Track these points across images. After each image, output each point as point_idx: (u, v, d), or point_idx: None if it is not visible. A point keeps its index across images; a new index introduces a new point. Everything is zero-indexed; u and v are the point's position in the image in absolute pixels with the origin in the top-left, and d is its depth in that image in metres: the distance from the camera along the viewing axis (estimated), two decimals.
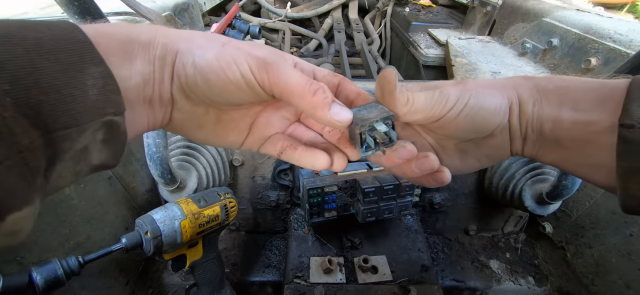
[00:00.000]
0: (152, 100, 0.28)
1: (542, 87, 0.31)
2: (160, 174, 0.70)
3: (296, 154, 0.34)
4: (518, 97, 0.32)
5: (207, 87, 0.28)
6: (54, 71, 0.20)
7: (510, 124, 0.32)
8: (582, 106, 0.29)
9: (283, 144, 0.35)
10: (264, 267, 0.97)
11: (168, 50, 0.27)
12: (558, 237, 0.98)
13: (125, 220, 0.85)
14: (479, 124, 0.32)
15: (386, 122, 0.30)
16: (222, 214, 0.72)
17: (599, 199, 0.87)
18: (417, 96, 0.31)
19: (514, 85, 0.32)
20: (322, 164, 0.33)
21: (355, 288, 0.75)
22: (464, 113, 0.31)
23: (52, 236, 0.66)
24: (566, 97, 0.30)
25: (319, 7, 1.88)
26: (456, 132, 0.33)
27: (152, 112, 0.29)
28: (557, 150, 0.32)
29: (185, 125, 0.32)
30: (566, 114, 0.30)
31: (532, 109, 0.31)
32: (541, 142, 0.32)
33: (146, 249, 0.64)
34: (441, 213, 1.02)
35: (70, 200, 0.70)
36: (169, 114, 0.30)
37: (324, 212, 0.83)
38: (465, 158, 0.36)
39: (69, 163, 0.22)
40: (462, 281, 0.96)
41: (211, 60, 0.27)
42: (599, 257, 0.86)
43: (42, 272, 0.54)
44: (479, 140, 0.34)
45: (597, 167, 0.30)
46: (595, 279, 0.87)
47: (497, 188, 0.90)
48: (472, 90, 0.31)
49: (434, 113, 0.31)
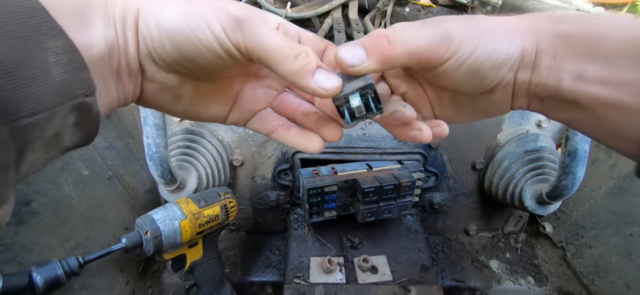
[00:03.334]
0: (119, 72, 0.25)
1: (568, 35, 0.25)
2: (160, 174, 0.70)
3: (289, 135, 0.32)
4: (535, 48, 0.26)
5: (177, 51, 0.24)
6: (3, 47, 0.17)
7: (515, 79, 0.28)
8: (616, 62, 0.23)
9: (274, 123, 0.32)
10: (264, 267, 0.97)
11: (128, 9, 0.24)
12: (558, 237, 0.98)
13: (125, 220, 0.85)
14: (479, 79, 0.27)
15: (363, 92, 0.27)
16: (222, 214, 0.72)
17: (599, 199, 0.87)
18: (413, 36, 0.26)
19: (533, 31, 0.27)
20: (315, 147, 0.31)
21: (355, 288, 0.75)
22: (467, 64, 0.26)
23: (52, 236, 0.65)
24: (597, 48, 0.24)
25: (319, 7, 1.88)
26: (452, 85, 0.29)
27: (122, 85, 0.25)
28: (572, 111, 0.27)
29: (159, 98, 0.28)
30: (593, 70, 0.24)
31: (551, 63, 0.26)
32: (553, 100, 0.28)
33: (146, 249, 0.64)
34: (441, 213, 1.02)
35: (70, 200, 0.70)
36: (139, 85, 0.27)
37: (324, 212, 0.83)
38: (458, 111, 0.33)
39: (40, 151, 0.20)
40: (462, 281, 0.96)
41: (177, 19, 0.23)
42: (599, 257, 0.86)
43: (42, 272, 0.54)
44: (476, 95, 0.30)
45: (620, 136, 0.25)
46: (595, 279, 0.87)
47: (497, 188, 0.90)
48: (483, 31, 0.26)
49: (432, 59, 0.26)
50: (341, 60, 0.26)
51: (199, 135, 0.85)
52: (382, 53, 0.26)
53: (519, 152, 0.87)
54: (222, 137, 0.89)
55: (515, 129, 0.90)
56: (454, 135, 0.89)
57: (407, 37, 0.26)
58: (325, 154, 0.89)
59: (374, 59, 0.26)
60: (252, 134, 0.88)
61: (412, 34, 0.26)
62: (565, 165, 0.71)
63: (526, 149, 0.86)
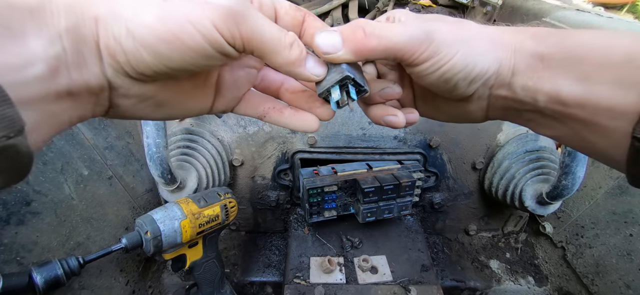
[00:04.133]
0: (72, 92, 0.20)
1: (547, 57, 0.25)
2: (160, 174, 0.70)
3: (283, 117, 0.31)
4: (513, 66, 0.26)
5: (159, 62, 0.21)
6: None
7: (490, 93, 0.28)
8: (594, 86, 0.23)
9: (265, 106, 0.31)
10: (264, 267, 0.97)
11: (80, 18, 0.20)
12: (558, 237, 0.98)
13: (125, 220, 0.85)
14: (452, 87, 0.27)
15: (342, 83, 0.28)
16: (222, 214, 0.72)
17: (599, 199, 0.87)
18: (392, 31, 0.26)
19: (514, 48, 0.26)
20: (312, 126, 0.30)
21: (355, 288, 0.75)
22: (441, 71, 0.26)
23: (52, 236, 0.65)
24: (575, 71, 0.24)
25: (319, 7, 1.88)
26: (428, 86, 0.29)
27: (76, 105, 0.21)
28: (552, 127, 0.27)
29: (138, 109, 0.25)
30: (570, 93, 0.24)
31: (526, 83, 0.26)
32: (531, 115, 0.28)
33: (146, 249, 0.64)
34: (441, 213, 1.02)
35: (70, 200, 0.70)
36: (106, 102, 0.23)
37: (323, 212, 0.83)
38: (436, 110, 0.33)
39: None
40: (462, 281, 0.96)
41: (154, 24, 0.20)
42: (599, 257, 0.86)
43: (42, 272, 0.54)
44: (452, 101, 0.30)
45: (603, 155, 0.25)
46: (595, 279, 0.87)
47: (497, 188, 0.90)
48: (465, 40, 0.26)
49: (407, 58, 0.26)
50: (317, 46, 0.26)
51: (198, 135, 0.85)
52: (357, 44, 0.26)
53: (519, 152, 0.87)
54: (222, 137, 0.89)
55: (515, 129, 0.90)
56: (454, 135, 0.89)
57: (385, 32, 0.26)
58: (325, 154, 0.89)
59: (348, 49, 0.26)
60: (252, 134, 0.88)
61: (392, 29, 0.26)
62: (565, 165, 0.71)
63: (526, 149, 0.86)
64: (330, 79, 0.28)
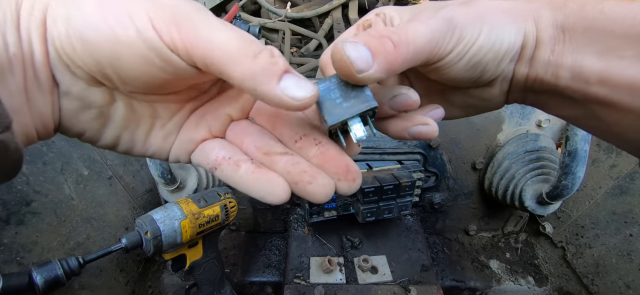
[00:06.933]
0: (27, 87, 0.18)
1: (569, 27, 0.23)
2: (160, 174, 0.70)
3: (238, 173, 0.23)
4: (535, 36, 0.23)
5: (88, 53, 0.18)
6: None
7: (514, 72, 0.25)
8: (616, 61, 0.21)
9: (219, 154, 0.23)
10: (264, 267, 0.97)
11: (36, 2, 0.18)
12: (558, 237, 0.98)
13: (125, 220, 0.85)
14: (480, 72, 0.24)
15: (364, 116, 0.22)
16: (222, 214, 0.72)
17: (599, 199, 0.87)
18: (416, 32, 0.21)
19: (534, 17, 0.24)
20: (280, 196, 0.21)
21: (355, 288, 0.75)
22: (469, 56, 0.23)
23: (52, 236, 0.66)
24: (597, 44, 0.22)
25: (319, 7, 1.88)
26: (448, 80, 0.25)
27: (30, 106, 0.19)
28: (571, 108, 0.25)
29: (81, 119, 0.21)
30: (592, 68, 0.22)
31: (549, 57, 0.23)
32: (550, 96, 0.25)
33: (146, 249, 0.64)
34: (441, 213, 1.02)
35: (70, 200, 0.70)
36: (56, 104, 0.20)
37: (323, 212, 0.83)
38: (447, 107, 0.28)
39: None
40: (462, 281, 0.96)
41: (91, 10, 0.18)
42: (599, 257, 0.86)
43: (42, 272, 0.54)
44: (471, 90, 0.27)
45: (621, 137, 0.23)
46: (595, 279, 0.87)
47: (497, 188, 0.90)
48: (484, 15, 0.23)
49: (435, 55, 0.22)
50: (350, 62, 0.20)
51: None
52: (388, 58, 0.21)
53: (519, 152, 0.87)
54: None
55: (515, 129, 0.90)
56: (454, 135, 0.89)
57: (410, 35, 0.21)
58: None
59: (380, 66, 0.21)
60: None
61: (416, 30, 0.22)
62: (565, 165, 0.71)
63: (526, 149, 0.86)
64: (348, 108, 0.21)
